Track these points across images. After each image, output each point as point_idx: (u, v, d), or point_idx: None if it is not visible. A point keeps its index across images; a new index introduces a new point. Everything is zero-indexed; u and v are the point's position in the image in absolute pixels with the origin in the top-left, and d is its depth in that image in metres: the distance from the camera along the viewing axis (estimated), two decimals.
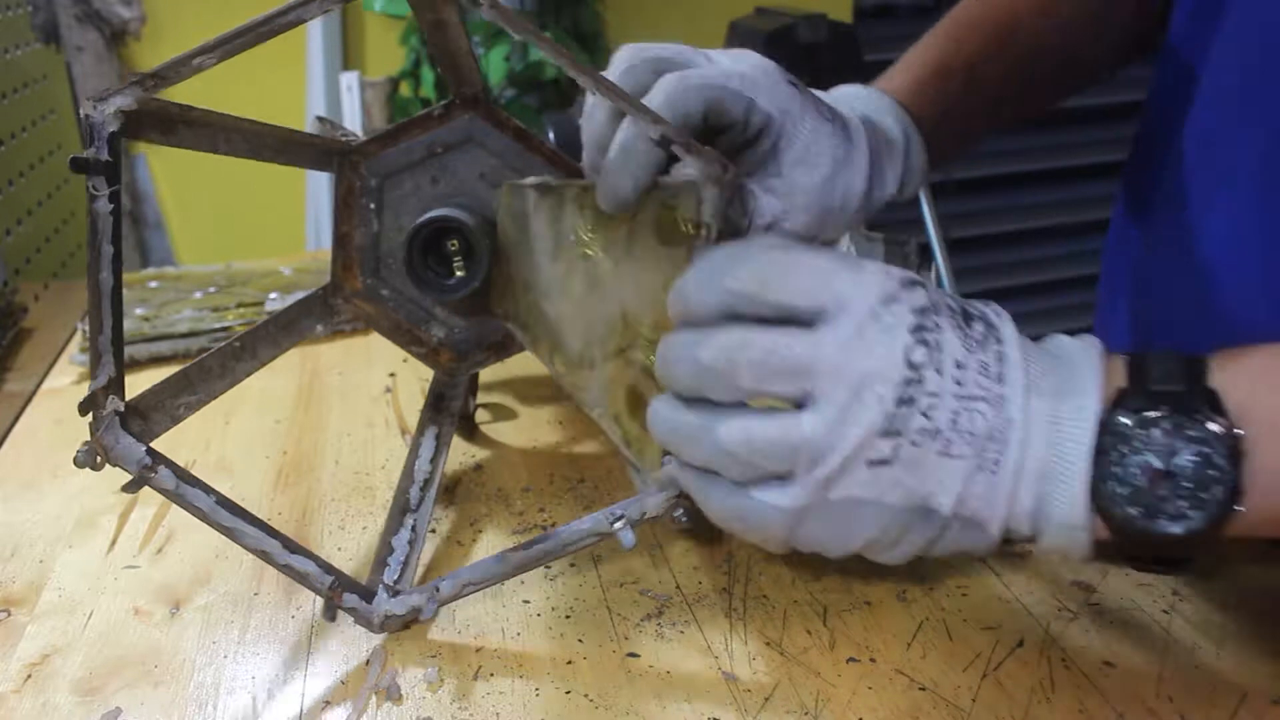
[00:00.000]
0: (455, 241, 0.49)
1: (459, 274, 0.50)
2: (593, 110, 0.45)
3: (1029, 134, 2.04)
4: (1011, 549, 0.46)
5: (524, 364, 0.73)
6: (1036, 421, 0.36)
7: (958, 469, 0.36)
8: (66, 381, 0.73)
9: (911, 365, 0.35)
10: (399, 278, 0.53)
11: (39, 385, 0.73)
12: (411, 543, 0.49)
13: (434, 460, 0.53)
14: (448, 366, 0.55)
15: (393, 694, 0.42)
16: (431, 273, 0.50)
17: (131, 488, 0.42)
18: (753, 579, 0.48)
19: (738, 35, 1.02)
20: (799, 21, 0.99)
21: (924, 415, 0.35)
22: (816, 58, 1.00)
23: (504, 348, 0.54)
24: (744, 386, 0.36)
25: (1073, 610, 0.45)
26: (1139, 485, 0.35)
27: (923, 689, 0.41)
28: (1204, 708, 0.39)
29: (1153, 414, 0.35)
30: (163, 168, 1.81)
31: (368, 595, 0.45)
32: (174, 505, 0.42)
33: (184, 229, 1.85)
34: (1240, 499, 0.34)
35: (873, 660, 0.42)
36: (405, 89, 1.82)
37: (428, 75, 1.79)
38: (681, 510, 0.42)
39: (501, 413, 0.66)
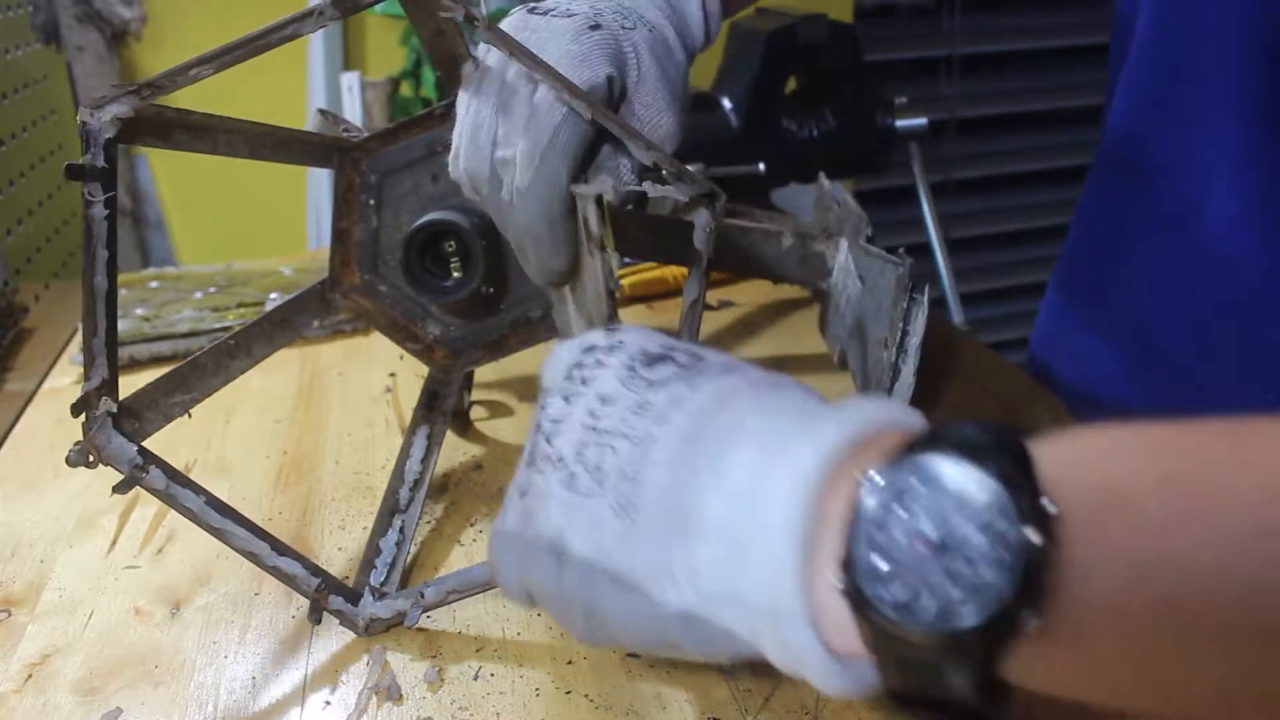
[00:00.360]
0: (452, 243, 0.49)
1: (455, 275, 0.50)
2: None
3: (1029, 134, 2.04)
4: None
5: (521, 363, 0.72)
6: (707, 470, 0.28)
7: (586, 508, 0.30)
8: (67, 381, 0.73)
9: (549, 393, 0.33)
10: (396, 274, 0.53)
11: (39, 385, 0.73)
12: (399, 544, 0.49)
13: (425, 460, 0.53)
14: (442, 364, 0.55)
15: (393, 694, 0.42)
16: (428, 274, 0.50)
17: (123, 488, 0.42)
18: None
19: (738, 35, 1.02)
20: (799, 21, 0.99)
21: (547, 441, 0.32)
22: (816, 58, 1.00)
23: (499, 347, 0.54)
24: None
25: None
26: (903, 560, 0.24)
27: None
28: None
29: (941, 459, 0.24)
30: (164, 168, 1.81)
31: (353, 598, 0.45)
32: None
33: (185, 229, 1.85)
34: (1036, 601, 0.22)
35: None
36: (406, 89, 1.82)
37: (429, 75, 1.79)
38: None
39: (498, 410, 0.66)
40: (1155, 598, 0.22)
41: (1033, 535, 0.23)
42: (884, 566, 0.24)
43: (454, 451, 0.61)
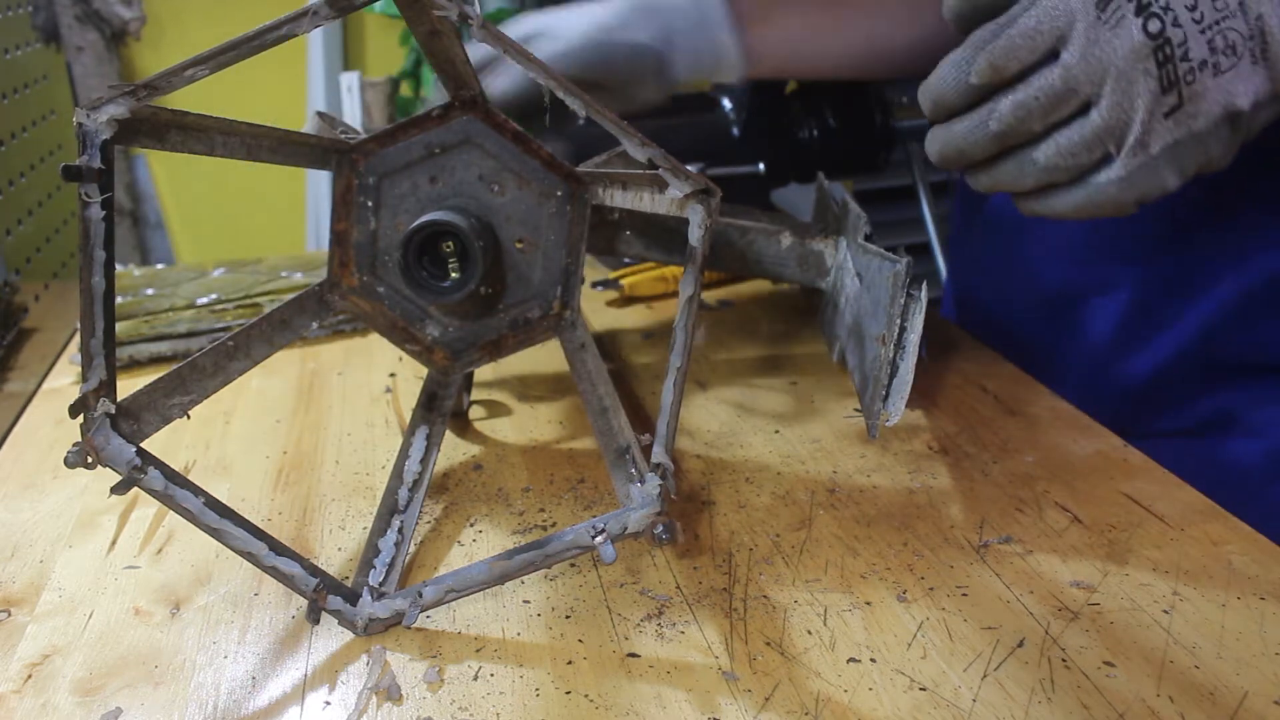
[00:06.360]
0: (450, 244, 0.49)
1: (454, 276, 0.50)
2: None
3: None
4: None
5: (520, 363, 0.73)
6: None
7: (1237, 75, 0.43)
8: (67, 381, 0.73)
9: (1150, 35, 0.42)
10: (395, 275, 0.53)
11: (39, 385, 0.73)
12: (398, 544, 0.49)
13: (424, 461, 0.53)
14: (442, 365, 0.55)
15: (393, 694, 0.42)
16: (426, 275, 0.50)
17: (121, 489, 0.42)
18: (753, 579, 0.48)
19: None
20: None
21: (1185, 60, 0.42)
22: None
23: (498, 347, 0.54)
24: (1038, 129, 0.44)
25: (1073, 610, 0.45)
26: None
27: (923, 689, 0.41)
28: (1204, 708, 0.39)
29: None
30: (163, 168, 1.81)
31: (352, 598, 0.45)
32: None
33: (184, 229, 1.85)
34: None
35: (873, 660, 0.42)
36: (406, 89, 1.82)
37: (428, 75, 1.79)
38: (661, 527, 0.42)
39: (497, 410, 0.66)
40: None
41: None
42: None
43: (453, 451, 0.61)
